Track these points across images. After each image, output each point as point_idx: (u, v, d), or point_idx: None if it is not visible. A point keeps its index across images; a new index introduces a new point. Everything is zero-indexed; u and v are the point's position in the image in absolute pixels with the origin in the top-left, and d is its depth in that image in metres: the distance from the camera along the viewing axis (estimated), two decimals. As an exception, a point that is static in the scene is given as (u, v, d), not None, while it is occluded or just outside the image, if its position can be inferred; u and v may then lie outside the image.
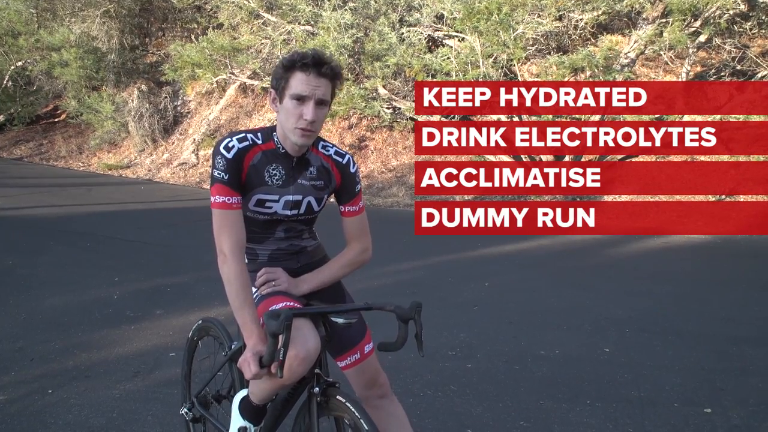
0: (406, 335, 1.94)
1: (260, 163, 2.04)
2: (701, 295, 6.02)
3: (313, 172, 2.13)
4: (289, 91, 1.97)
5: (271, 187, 2.06)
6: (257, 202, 2.07)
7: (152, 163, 14.11)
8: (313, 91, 1.95)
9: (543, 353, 4.36)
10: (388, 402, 2.31)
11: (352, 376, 2.28)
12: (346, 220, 2.23)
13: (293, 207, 2.12)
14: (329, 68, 1.96)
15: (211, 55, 12.54)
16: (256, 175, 2.04)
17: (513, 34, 10.02)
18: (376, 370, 2.28)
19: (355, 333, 2.23)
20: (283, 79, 1.98)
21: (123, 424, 3.20)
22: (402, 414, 2.32)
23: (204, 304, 5.10)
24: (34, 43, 14.74)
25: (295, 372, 1.88)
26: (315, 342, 1.91)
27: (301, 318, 1.94)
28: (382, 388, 2.29)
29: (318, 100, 1.96)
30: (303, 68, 1.94)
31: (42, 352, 4.13)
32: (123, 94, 15.02)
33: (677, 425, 3.34)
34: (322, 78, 1.96)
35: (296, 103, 1.96)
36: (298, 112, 1.96)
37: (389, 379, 2.35)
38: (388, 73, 11.20)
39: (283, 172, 2.08)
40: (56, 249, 7.00)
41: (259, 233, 2.16)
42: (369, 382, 2.27)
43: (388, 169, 12.28)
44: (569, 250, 8.01)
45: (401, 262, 6.80)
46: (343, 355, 2.24)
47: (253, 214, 2.10)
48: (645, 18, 10.51)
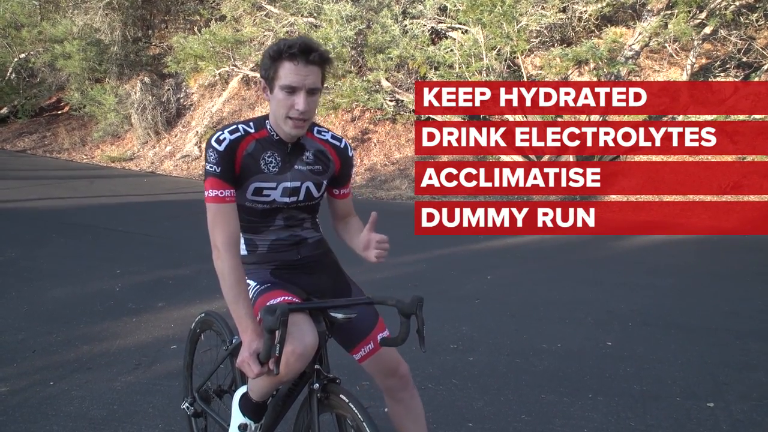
0: (408, 330, 1.91)
1: (255, 151, 2.02)
2: (704, 288, 6.00)
3: (309, 156, 2.11)
4: (278, 82, 1.93)
5: (267, 175, 2.03)
6: (255, 191, 2.04)
7: (155, 155, 14.11)
8: (302, 81, 1.91)
9: (545, 347, 4.35)
10: (409, 397, 2.26)
11: (370, 368, 2.22)
12: (339, 201, 2.24)
13: (292, 194, 2.08)
14: (317, 55, 1.92)
15: (214, 47, 12.50)
16: (252, 163, 2.01)
17: (516, 26, 9.96)
18: (395, 360, 2.21)
19: (366, 323, 2.18)
20: (272, 69, 1.94)
21: (124, 416, 3.21)
22: (421, 411, 2.29)
23: (206, 296, 5.09)
24: (37, 35, 14.72)
25: (292, 368, 1.86)
26: (312, 338, 1.88)
27: (299, 313, 1.92)
28: (404, 379, 2.23)
29: (309, 90, 1.93)
30: (291, 58, 1.90)
31: (44, 344, 4.13)
32: (126, 86, 15.00)
33: (679, 419, 3.33)
34: (311, 66, 1.92)
35: (287, 93, 1.93)
36: (290, 103, 1.93)
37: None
38: (390, 66, 11.16)
39: (278, 159, 2.05)
40: (58, 241, 7.00)
41: (259, 223, 2.12)
42: (388, 372, 2.21)
43: (390, 162, 12.25)
44: (572, 244, 7.98)
45: (403, 254, 6.78)
46: (357, 348, 2.18)
47: (252, 204, 2.07)
48: (650, 10, 10.43)
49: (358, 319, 2.08)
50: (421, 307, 1.89)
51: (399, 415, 2.26)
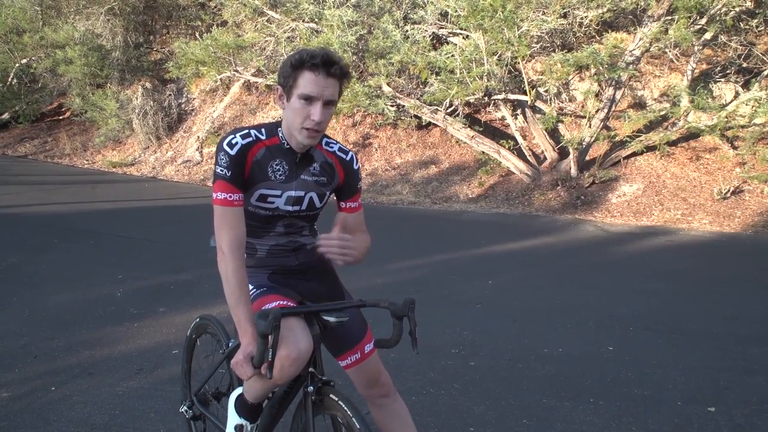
0: (401, 332, 1.95)
1: (264, 158, 2.04)
2: (705, 293, 6.00)
3: (316, 168, 2.13)
4: (297, 90, 1.95)
5: (274, 182, 2.06)
6: (259, 197, 2.07)
7: (156, 160, 14.12)
8: (321, 92, 1.93)
9: (546, 351, 4.35)
10: (391, 401, 2.30)
11: (353, 375, 2.28)
12: (347, 216, 2.23)
13: (295, 203, 2.11)
14: (338, 68, 1.94)
15: (215, 53, 12.51)
16: (260, 170, 2.04)
17: (517, 31, 9.97)
18: (378, 370, 2.27)
19: (355, 332, 2.22)
20: (291, 78, 1.95)
21: (125, 421, 3.21)
22: (405, 413, 2.32)
23: (207, 301, 5.10)
24: (39, 41, 14.76)
25: (286, 373, 1.88)
26: (307, 343, 1.90)
27: (293, 318, 1.94)
28: (384, 388, 2.29)
29: (326, 101, 1.95)
30: (312, 68, 1.91)
31: (45, 350, 4.13)
32: (127, 91, 15.03)
33: (681, 424, 3.33)
34: (331, 78, 1.94)
35: (304, 102, 1.94)
36: (306, 112, 1.95)
37: (392, 377, 2.35)
38: (392, 71, 11.16)
39: (286, 168, 2.07)
40: (60, 246, 7.01)
41: (259, 228, 2.15)
42: (370, 382, 2.27)
43: (392, 167, 12.26)
44: (573, 248, 7.99)
45: (405, 259, 6.79)
46: (344, 355, 2.23)
47: (255, 209, 2.10)
48: (650, 15, 10.45)
49: (349, 328, 2.13)
50: (413, 309, 1.91)
51: (384, 419, 2.30)
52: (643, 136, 10.44)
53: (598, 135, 10.52)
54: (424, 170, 11.98)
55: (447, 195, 11.14)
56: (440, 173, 11.83)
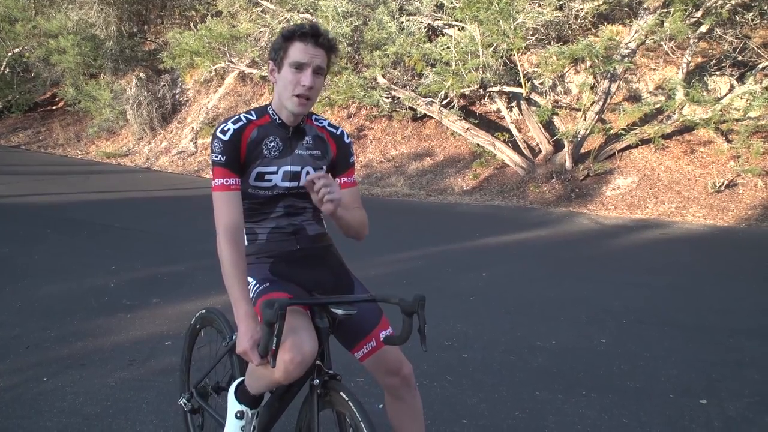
0: (410, 328, 1.91)
1: (258, 137, 2.10)
2: (698, 286, 6.03)
3: (309, 141, 2.18)
4: (287, 60, 2.04)
5: (269, 159, 2.10)
6: (257, 176, 2.10)
7: (150, 151, 14.07)
8: (311, 59, 2.03)
9: (539, 344, 4.36)
10: (411, 396, 2.23)
11: (371, 366, 2.18)
12: (343, 192, 2.18)
13: (292, 178, 2.13)
14: (326, 39, 2.06)
15: (210, 43, 12.45)
16: (255, 149, 2.09)
17: (513, 23, 9.95)
18: (398, 359, 2.19)
19: (368, 320, 2.16)
20: (282, 49, 2.05)
21: (117, 412, 3.20)
22: (420, 410, 2.27)
23: (201, 293, 5.09)
24: (32, 30, 14.65)
25: (291, 375, 1.87)
26: (311, 346, 1.89)
27: (299, 317, 1.93)
28: (406, 379, 2.21)
29: (316, 68, 2.04)
30: (302, 38, 2.02)
31: (38, 340, 4.12)
32: (121, 81, 14.95)
33: (672, 416, 3.35)
34: (320, 48, 2.04)
35: (295, 71, 2.03)
36: (297, 79, 2.03)
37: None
38: (387, 62, 11.13)
39: (280, 143, 2.12)
40: (53, 237, 6.98)
41: (259, 211, 2.17)
42: (391, 371, 2.18)
43: (386, 159, 12.25)
44: (567, 241, 8.01)
45: (399, 251, 6.79)
46: (358, 345, 2.16)
47: (255, 190, 2.12)
48: (646, 8, 10.44)
49: (360, 317, 2.08)
50: (423, 305, 1.89)
51: (398, 411, 2.24)
52: (638, 129, 10.44)
53: (593, 128, 10.52)
54: (419, 162, 11.96)
55: (442, 187, 11.14)
56: (435, 165, 11.82)
